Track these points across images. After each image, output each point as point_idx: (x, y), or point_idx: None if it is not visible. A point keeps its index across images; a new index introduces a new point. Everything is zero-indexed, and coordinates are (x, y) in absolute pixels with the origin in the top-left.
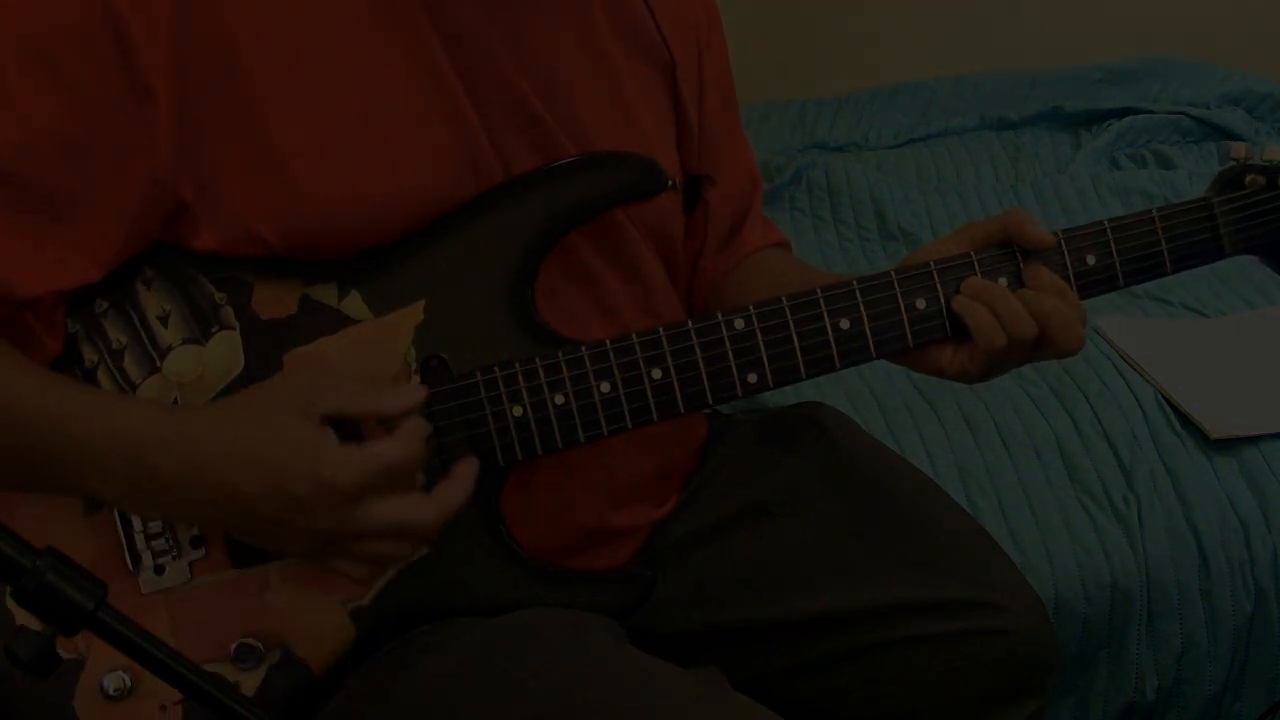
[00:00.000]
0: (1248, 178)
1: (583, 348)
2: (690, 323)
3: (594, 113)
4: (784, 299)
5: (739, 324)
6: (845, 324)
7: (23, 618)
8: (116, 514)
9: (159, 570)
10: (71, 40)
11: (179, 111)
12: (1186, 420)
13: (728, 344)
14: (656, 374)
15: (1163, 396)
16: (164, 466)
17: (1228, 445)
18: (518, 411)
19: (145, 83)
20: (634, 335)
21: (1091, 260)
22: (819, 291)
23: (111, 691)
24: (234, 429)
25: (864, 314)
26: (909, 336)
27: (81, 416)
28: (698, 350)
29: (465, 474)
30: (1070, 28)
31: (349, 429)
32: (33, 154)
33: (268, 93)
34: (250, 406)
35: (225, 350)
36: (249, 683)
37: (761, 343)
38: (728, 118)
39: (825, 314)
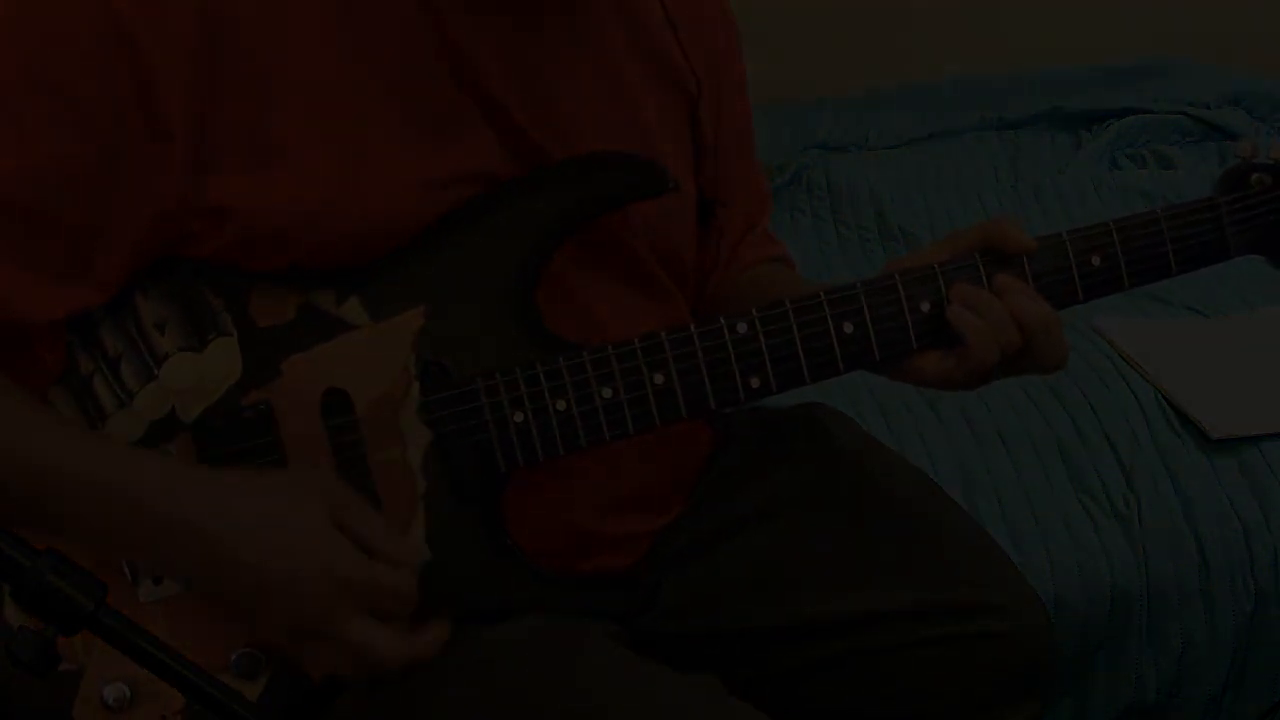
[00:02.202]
0: (1253, 176)
1: (584, 353)
2: (693, 326)
3: (605, 141)
4: (787, 302)
5: (742, 328)
6: (849, 327)
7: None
8: None
9: (157, 580)
10: (88, 75)
11: (196, 150)
12: (1186, 420)
13: (730, 348)
14: (659, 379)
15: (1163, 397)
16: (161, 509)
17: (1228, 445)
18: (519, 418)
19: (164, 124)
20: (636, 340)
21: (1096, 261)
22: (822, 295)
23: (111, 702)
24: (258, 499)
25: (868, 317)
26: (913, 340)
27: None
28: (700, 354)
29: (439, 636)
30: (1070, 28)
31: None
32: (43, 187)
33: (293, 128)
34: (285, 488)
35: (222, 357)
36: (249, 692)
37: (764, 346)
38: (743, 140)
39: (829, 317)
